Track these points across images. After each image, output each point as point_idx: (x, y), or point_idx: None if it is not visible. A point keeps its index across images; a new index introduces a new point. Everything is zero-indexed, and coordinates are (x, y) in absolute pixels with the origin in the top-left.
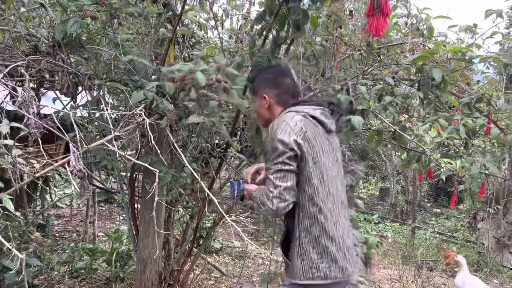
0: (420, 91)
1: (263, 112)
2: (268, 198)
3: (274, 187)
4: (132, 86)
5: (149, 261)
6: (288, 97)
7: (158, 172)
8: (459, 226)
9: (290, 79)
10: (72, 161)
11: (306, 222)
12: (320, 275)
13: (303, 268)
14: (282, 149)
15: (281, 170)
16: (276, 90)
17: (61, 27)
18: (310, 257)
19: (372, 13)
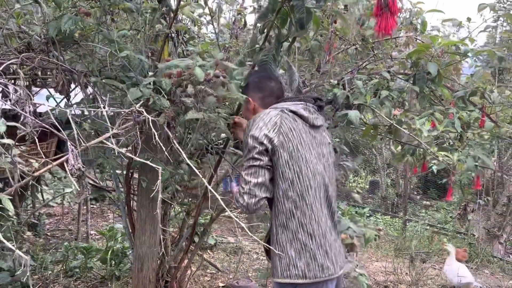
0: (415, 85)
1: (249, 116)
2: (240, 195)
3: (245, 183)
4: (128, 83)
5: (146, 258)
6: (272, 99)
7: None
8: (449, 218)
9: (275, 82)
10: (70, 160)
11: (282, 217)
12: (298, 273)
13: (281, 266)
14: (252, 144)
15: (252, 166)
16: (260, 94)
17: (55, 23)
18: (287, 254)
19: (380, 13)
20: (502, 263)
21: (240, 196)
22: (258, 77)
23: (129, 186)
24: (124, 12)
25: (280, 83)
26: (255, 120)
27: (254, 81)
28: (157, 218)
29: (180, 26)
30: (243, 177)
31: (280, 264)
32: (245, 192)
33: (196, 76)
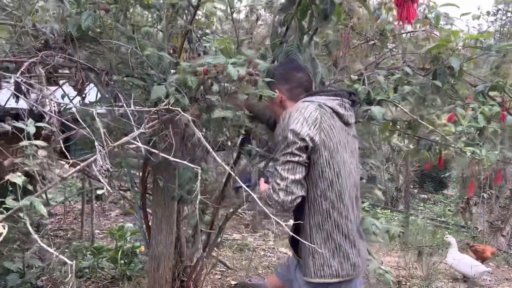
0: (436, 80)
1: (276, 109)
2: (274, 191)
3: (281, 179)
4: (150, 81)
5: (163, 258)
6: (301, 91)
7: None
8: (447, 211)
9: (303, 73)
10: (98, 160)
11: (317, 217)
12: (332, 273)
13: (315, 266)
14: (292, 139)
15: (290, 162)
16: (287, 85)
17: (74, 20)
18: (321, 254)
19: (401, 2)
20: (506, 255)
21: (274, 192)
22: (284, 68)
23: (145, 186)
24: (141, 7)
25: (308, 75)
26: (292, 114)
27: (280, 72)
28: (173, 217)
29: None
30: (279, 173)
31: (314, 265)
32: (281, 189)
33: (229, 74)
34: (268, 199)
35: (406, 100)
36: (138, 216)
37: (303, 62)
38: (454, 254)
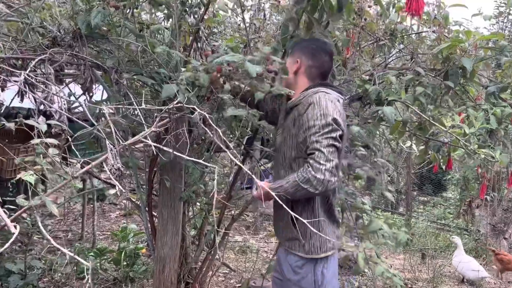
0: (448, 80)
1: (289, 75)
2: (317, 170)
3: (327, 160)
4: (159, 80)
5: (168, 260)
6: (318, 73)
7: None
8: (447, 213)
9: (330, 59)
10: (110, 159)
11: (324, 199)
12: (332, 246)
13: (320, 243)
14: (335, 126)
15: (333, 146)
16: (310, 61)
17: (83, 17)
18: (325, 232)
19: None
20: None
21: (319, 171)
22: (316, 45)
23: (152, 186)
24: (150, 4)
25: (332, 62)
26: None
27: (311, 46)
28: (179, 219)
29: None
30: (324, 154)
31: (320, 242)
32: (327, 169)
33: (248, 72)
34: (305, 182)
35: (418, 101)
36: (143, 217)
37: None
38: (460, 256)
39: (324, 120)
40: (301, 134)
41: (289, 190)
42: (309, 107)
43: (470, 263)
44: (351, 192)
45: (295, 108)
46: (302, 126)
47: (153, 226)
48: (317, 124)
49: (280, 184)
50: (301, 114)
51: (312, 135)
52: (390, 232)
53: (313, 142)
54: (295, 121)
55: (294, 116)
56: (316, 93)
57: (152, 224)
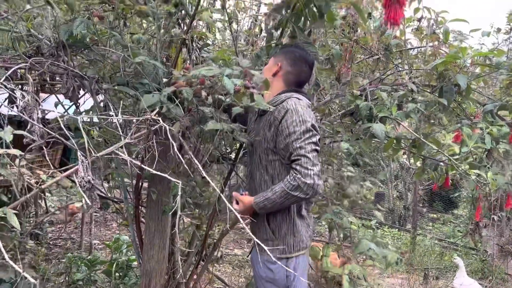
0: (442, 97)
1: (267, 76)
2: (306, 176)
3: (313, 164)
4: (141, 91)
5: (154, 274)
6: (294, 81)
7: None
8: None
9: (309, 71)
10: (80, 172)
11: None
12: (304, 245)
13: (294, 243)
14: (314, 132)
15: (315, 150)
16: (290, 67)
17: (66, 27)
18: (299, 233)
19: (389, 4)
20: None
21: (308, 177)
22: (299, 54)
23: (139, 198)
24: (138, 16)
25: (310, 75)
26: (303, 108)
27: (294, 54)
28: (166, 232)
29: (198, 32)
30: (310, 159)
31: (293, 242)
32: (315, 174)
33: (225, 87)
34: (295, 189)
35: (410, 117)
36: (131, 229)
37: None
38: (461, 278)
39: (304, 126)
40: (281, 140)
41: (277, 200)
42: (286, 114)
43: (472, 286)
44: (337, 211)
45: (269, 112)
46: (282, 133)
47: (140, 239)
48: (297, 131)
49: (266, 197)
50: (277, 119)
51: (294, 142)
52: (380, 252)
53: (296, 149)
54: (271, 125)
55: (269, 120)
56: (290, 98)
57: (140, 237)
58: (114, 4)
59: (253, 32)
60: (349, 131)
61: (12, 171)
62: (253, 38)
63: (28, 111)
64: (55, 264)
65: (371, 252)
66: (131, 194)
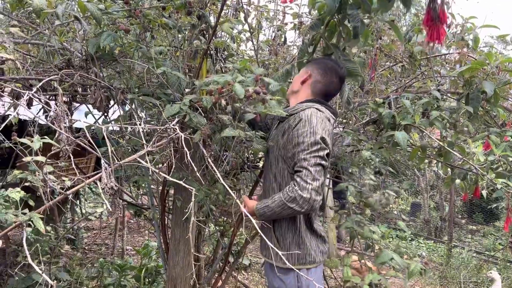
0: (468, 105)
1: (295, 83)
2: (303, 189)
3: (313, 179)
4: (165, 100)
5: (179, 280)
6: (322, 91)
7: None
8: (498, 244)
9: (338, 81)
10: (103, 178)
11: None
12: (312, 260)
13: (299, 255)
14: (323, 145)
15: (320, 165)
16: (319, 77)
17: (94, 40)
18: (305, 245)
19: (431, 23)
20: None
21: (305, 190)
22: (331, 65)
23: (164, 204)
24: (163, 29)
25: (340, 87)
26: (318, 119)
27: (326, 64)
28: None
29: (219, 42)
30: (311, 173)
31: (298, 254)
32: (313, 189)
33: (235, 92)
34: (291, 201)
35: (434, 125)
36: (157, 235)
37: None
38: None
39: (313, 138)
40: (290, 149)
41: (275, 209)
42: (299, 123)
43: None
44: (358, 220)
45: (287, 119)
46: (291, 141)
47: (166, 245)
48: (305, 142)
49: (266, 204)
50: (291, 127)
51: (300, 152)
52: (402, 263)
53: (300, 160)
54: (285, 133)
55: (284, 126)
56: (309, 108)
57: (166, 243)
58: (140, 17)
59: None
60: (372, 139)
61: (39, 177)
62: (276, 48)
63: (58, 121)
64: (88, 269)
65: (393, 262)
66: (157, 200)
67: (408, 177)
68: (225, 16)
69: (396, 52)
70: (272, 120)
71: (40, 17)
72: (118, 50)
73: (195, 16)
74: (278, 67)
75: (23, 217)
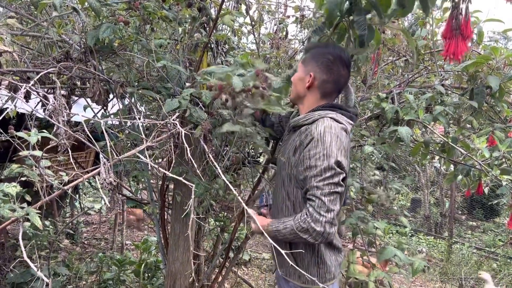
0: (473, 100)
1: (299, 88)
2: (316, 222)
3: (327, 210)
4: (165, 94)
5: (179, 276)
6: (334, 90)
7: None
8: (498, 240)
9: (347, 71)
10: (102, 173)
11: None
12: (331, 276)
13: (318, 275)
14: (338, 170)
15: (335, 193)
16: (325, 76)
17: (93, 32)
18: (325, 264)
19: (450, 35)
20: None
21: (318, 223)
22: (333, 56)
23: (164, 199)
24: (163, 21)
25: (349, 75)
26: (332, 137)
27: (327, 57)
28: (191, 234)
29: (220, 35)
30: (325, 203)
31: (318, 273)
32: (327, 221)
33: (233, 85)
34: (304, 232)
35: (438, 121)
36: (156, 230)
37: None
38: None
39: (326, 162)
40: (301, 171)
41: (287, 236)
42: (311, 142)
43: None
44: (362, 217)
45: (298, 131)
46: (302, 163)
47: (166, 241)
48: (318, 166)
49: (277, 228)
50: (303, 145)
51: (313, 178)
52: (405, 259)
53: (313, 187)
54: (296, 150)
55: (296, 142)
56: (322, 118)
57: (165, 238)
58: (139, 9)
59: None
60: (375, 135)
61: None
62: (277, 42)
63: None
64: (87, 263)
65: (396, 259)
66: (157, 195)
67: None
68: (226, 8)
69: (399, 46)
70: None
71: (38, 8)
72: (118, 42)
73: (195, 8)
74: (280, 61)
75: (19, 212)
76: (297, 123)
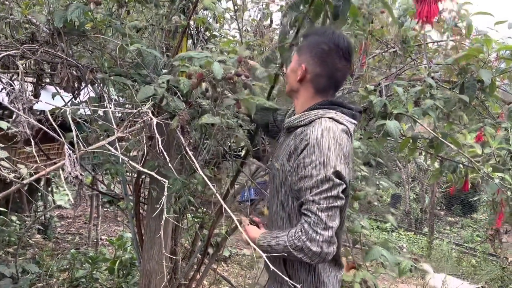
0: (463, 94)
1: (292, 81)
2: (313, 241)
3: (325, 228)
4: (140, 81)
5: (154, 275)
6: (329, 86)
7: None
8: (476, 236)
9: (345, 61)
10: (67, 167)
11: None
12: None
13: None
14: (338, 181)
15: (334, 207)
16: (319, 68)
17: (61, 13)
18: (323, 283)
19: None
20: None
21: (314, 242)
22: (328, 46)
23: (139, 194)
24: (139, 3)
25: (348, 66)
26: (330, 141)
27: (322, 47)
28: (168, 231)
29: (200, 18)
30: (322, 220)
31: None
32: (325, 240)
33: (213, 72)
34: (298, 250)
35: (427, 115)
36: (131, 226)
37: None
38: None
39: (323, 173)
40: (296, 181)
41: (279, 251)
42: (306, 148)
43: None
44: (348, 214)
45: (294, 133)
46: (297, 171)
47: (141, 238)
48: (314, 176)
49: (269, 243)
50: (297, 151)
51: (308, 190)
52: (392, 259)
53: (308, 201)
54: (291, 156)
55: (290, 148)
56: (320, 118)
57: (140, 235)
58: None
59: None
60: (362, 129)
61: None
62: (262, 30)
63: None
64: (59, 260)
65: (383, 259)
66: (131, 190)
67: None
68: None
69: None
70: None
71: None
72: (90, 26)
73: None
74: (264, 49)
75: None
76: (291, 124)
